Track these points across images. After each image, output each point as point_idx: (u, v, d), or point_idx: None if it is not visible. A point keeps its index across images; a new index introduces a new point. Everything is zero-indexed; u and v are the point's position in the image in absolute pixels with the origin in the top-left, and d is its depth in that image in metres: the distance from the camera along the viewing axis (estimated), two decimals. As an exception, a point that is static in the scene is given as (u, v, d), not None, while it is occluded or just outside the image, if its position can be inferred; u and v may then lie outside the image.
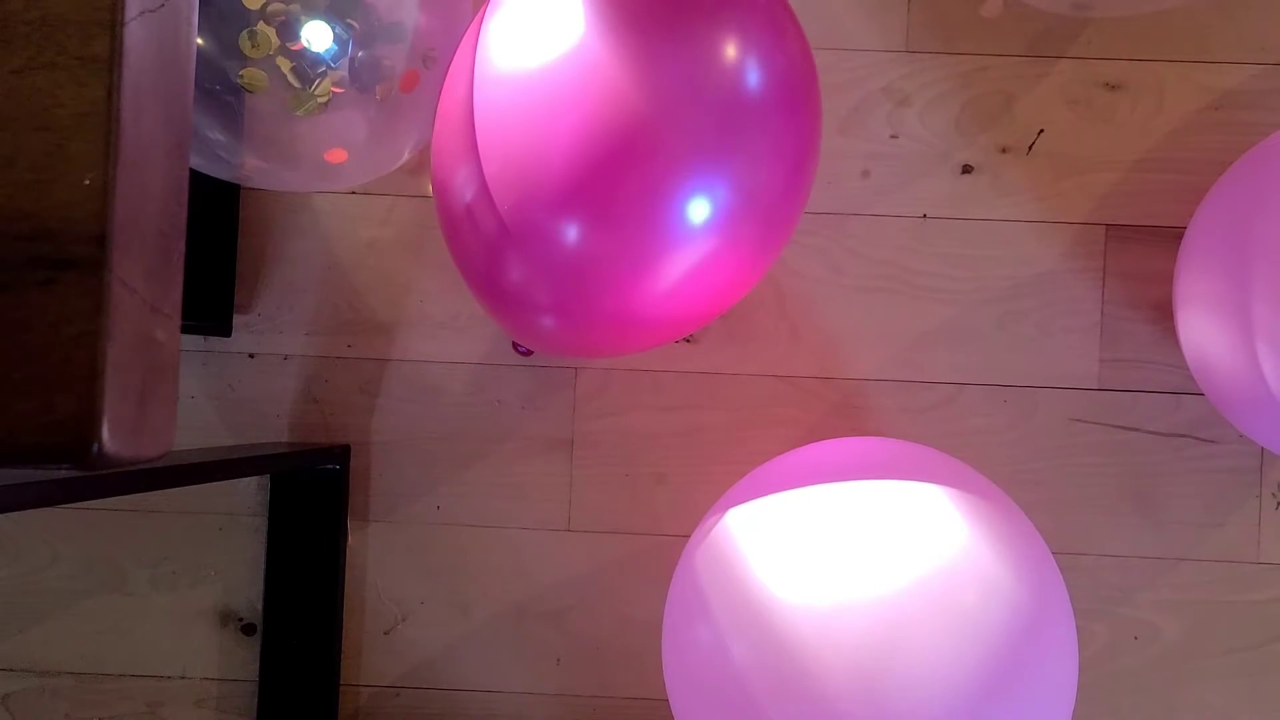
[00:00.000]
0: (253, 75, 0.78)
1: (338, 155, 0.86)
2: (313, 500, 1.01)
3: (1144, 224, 1.01)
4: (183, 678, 1.03)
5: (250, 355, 1.03)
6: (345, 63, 0.81)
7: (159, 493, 1.02)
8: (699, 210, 0.67)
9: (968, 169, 1.02)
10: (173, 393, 0.41)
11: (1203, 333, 0.86)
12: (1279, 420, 0.80)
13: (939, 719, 0.63)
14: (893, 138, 1.02)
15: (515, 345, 1.01)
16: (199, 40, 0.75)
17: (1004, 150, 1.01)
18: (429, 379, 1.03)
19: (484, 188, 0.67)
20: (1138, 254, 1.01)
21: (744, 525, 0.73)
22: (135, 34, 0.36)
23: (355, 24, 0.80)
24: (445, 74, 0.75)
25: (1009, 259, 1.01)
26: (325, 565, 1.01)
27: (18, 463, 0.35)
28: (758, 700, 0.66)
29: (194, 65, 0.43)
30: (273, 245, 1.03)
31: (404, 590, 1.03)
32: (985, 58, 1.02)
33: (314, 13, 0.78)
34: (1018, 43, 1.02)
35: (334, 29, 0.79)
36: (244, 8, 0.76)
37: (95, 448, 0.35)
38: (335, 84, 0.81)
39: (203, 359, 1.03)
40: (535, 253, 0.68)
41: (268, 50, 0.77)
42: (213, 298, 1.01)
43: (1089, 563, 1.01)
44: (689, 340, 1.02)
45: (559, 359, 1.02)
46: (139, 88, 0.37)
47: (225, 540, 1.03)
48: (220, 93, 0.79)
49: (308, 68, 0.79)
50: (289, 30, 0.78)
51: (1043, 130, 1.01)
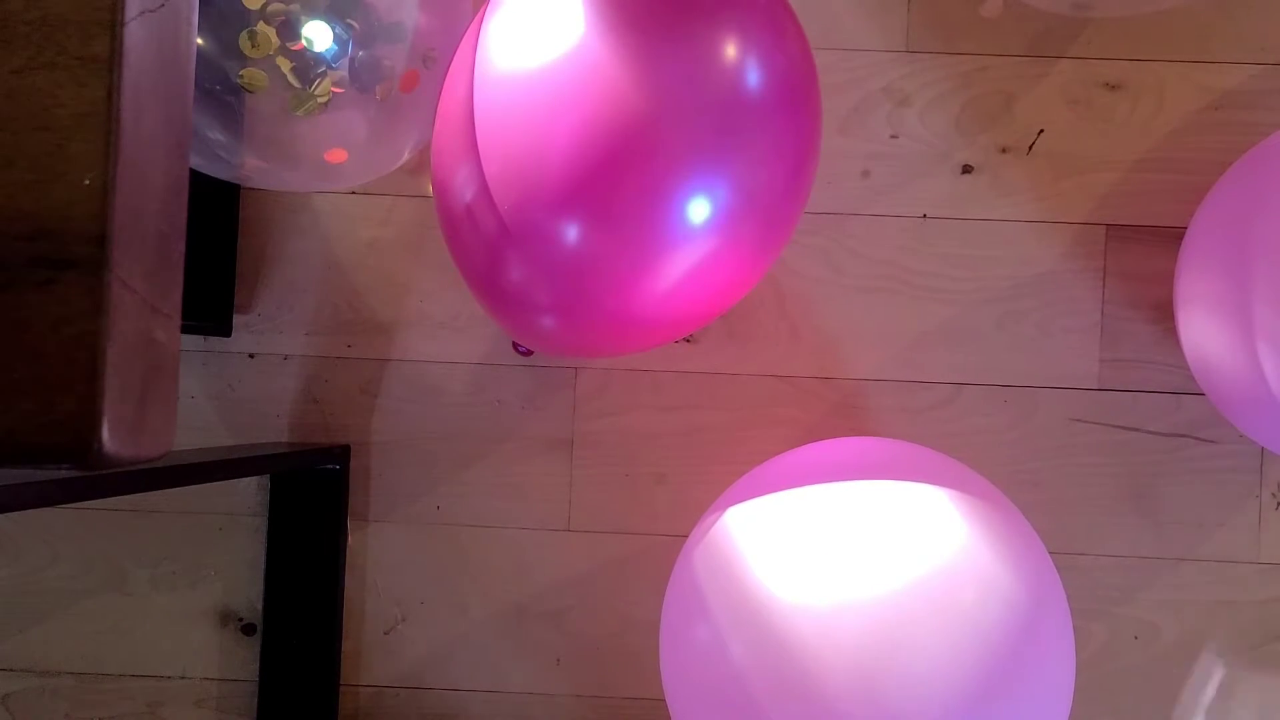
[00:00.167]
0: (253, 75, 0.78)
1: (338, 155, 0.86)
2: (313, 500, 1.01)
3: (1144, 224, 1.01)
4: (183, 678, 1.03)
5: (250, 355, 1.03)
6: (345, 63, 0.81)
7: (159, 493, 1.02)
8: (699, 210, 0.67)
9: (968, 169, 1.02)
10: (173, 393, 0.41)
11: (1204, 333, 0.86)
12: None
13: (937, 718, 0.63)
14: (893, 138, 1.02)
15: (515, 345, 1.01)
16: (199, 40, 0.75)
17: (1004, 150, 1.01)
18: (429, 379, 1.03)
19: (484, 188, 0.67)
20: (1138, 254, 1.01)
21: (743, 525, 0.73)
22: (135, 34, 0.36)
23: (355, 24, 0.80)
24: (445, 74, 0.75)
25: (1009, 259, 1.01)
26: (325, 565, 1.01)
27: (18, 463, 0.35)
28: (756, 700, 0.66)
29: (194, 65, 0.43)
30: (273, 245, 1.03)
31: (404, 590, 1.03)
32: (985, 58, 1.02)
33: (314, 13, 0.78)
34: (1018, 43, 1.02)
35: (334, 29, 0.79)
36: (244, 8, 0.76)
37: (95, 448, 0.35)
38: (335, 84, 0.81)
39: (203, 359, 1.03)
40: (535, 253, 0.68)
41: (268, 50, 0.77)
42: (213, 298, 1.01)
43: (1088, 563, 1.01)
44: (689, 340, 1.02)
45: (559, 359, 1.02)
46: (139, 88, 0.37)
47: (225, 540, 1.03)
48: (220, 93, 0.79)
49: (308, 68, 0.79)
50: (289, 30, 0.78)
51: (1043, 130, 1.01)
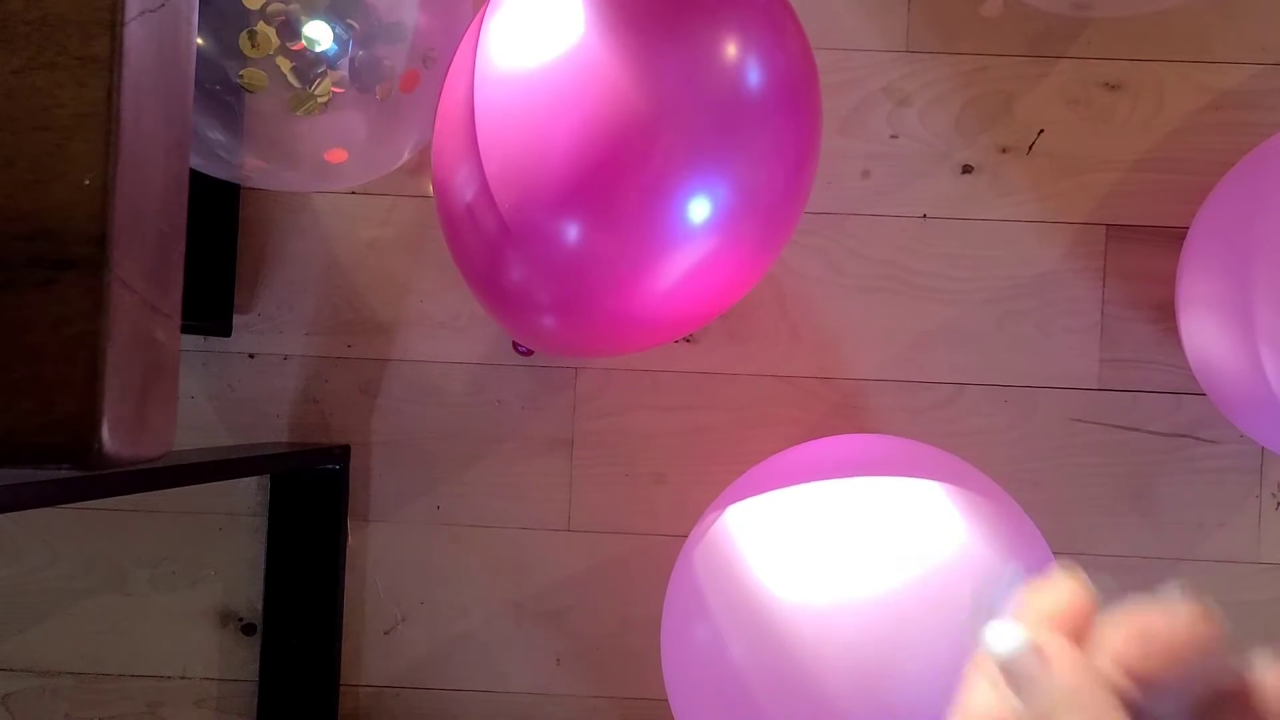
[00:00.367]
0: (253, 75, 0.78)
1: (338, 155, 0.86)
2: (313, 500, 1.01)
3: (1144, 224, 1.01)
4: (183, 678, 1.03)
5: (250, 355, 1.03)
6: (345, 63, 0.81)
7: (159, 493, 1.02)
8: (699, 210, 0.66)
9: (968, 169, 1.01)
10: (173, 393, 0.41)
11: (1205, 333, 0.86)
12: None
13: (937, 717, 0.63)
14: (893, 138, 1.02)
15: (515, 345, 1.01)
16: (199, 40, 0.75)
17: (1004, 150, 1.01)
18: (429, 379, 1.03)
19: (484, 188, 0.67)
20: (1138, 254, 1.01)
21: (742, 523, 0.73)
22: (135, 34, 0.36)
23: (355, 24, 0.80)
24: (445, 74, 0.75)
25: (1009, 259, 1.01)
26: (325, 565, 1.01)
27: (18, 463, 0.35)
28: (757, 698, 0.66)
29: (194, 65, 0.43)
30: (273, 245, 1.03)
31: (404, 590, 1.03)
32: (985, 58, 1.02)
33: (314, 13, 0.78)
34: (1018, 43, 1.01)
35: (334, 29, 0.79)
36: (244, 8, 0.76)
37: (95, 448, 0.35)
38: (335, 84, 0.81)
39: (203, 359, 1.03)
40: (535, 253, 0.68)
41: (268, 50, 0.77)
42: (213, 298, 1.01)
43: (1089, 563, 1.00)
44: (689, 340, 1.02)
45: (559, 359, 1.02)
46: (139, 87, 0.37)
47: (225, 540, 1.03)
48: (220, 93, 0.79)
49: (308, 68, 0.79)
50: (289, 30, 0.78)
51: (1043, 130, 1.01)
